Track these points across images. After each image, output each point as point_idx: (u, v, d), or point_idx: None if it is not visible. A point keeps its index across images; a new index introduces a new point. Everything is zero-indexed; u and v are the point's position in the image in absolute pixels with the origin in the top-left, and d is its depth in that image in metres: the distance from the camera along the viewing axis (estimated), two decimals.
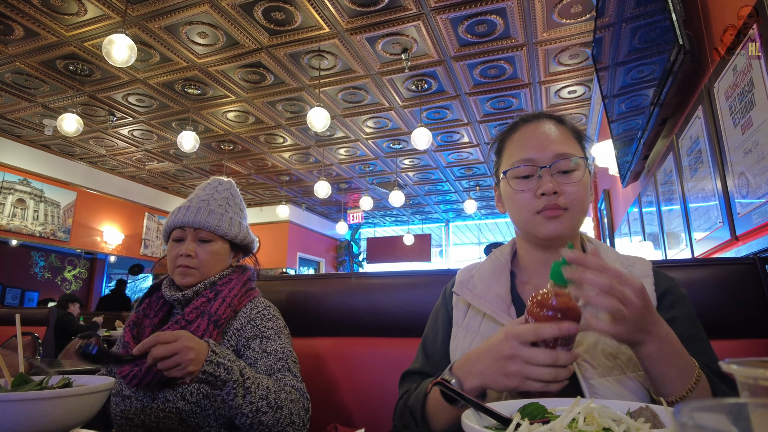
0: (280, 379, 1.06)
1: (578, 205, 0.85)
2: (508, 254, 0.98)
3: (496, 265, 0.95)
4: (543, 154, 0.86)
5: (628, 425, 0.50)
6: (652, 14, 2.10)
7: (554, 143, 0.87)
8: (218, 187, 1.27)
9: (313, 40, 4.44)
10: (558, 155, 0.86)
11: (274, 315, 1.19)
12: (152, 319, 1.19)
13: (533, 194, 0.86)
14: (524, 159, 0.87)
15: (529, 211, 0.86)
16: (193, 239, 1.19)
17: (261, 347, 1.11)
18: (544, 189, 0.84)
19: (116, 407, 1.09)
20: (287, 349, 1.13)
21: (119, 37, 3.49)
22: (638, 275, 0.85)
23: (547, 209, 0.84)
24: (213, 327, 1.10)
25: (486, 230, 13.45)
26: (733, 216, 1.75)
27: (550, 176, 0.85)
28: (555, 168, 0.85)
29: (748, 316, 1.07)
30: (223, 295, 1.15)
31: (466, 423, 0.53)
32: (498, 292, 0.89)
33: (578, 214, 0.86)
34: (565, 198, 0.84)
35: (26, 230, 7.00)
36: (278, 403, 0.96)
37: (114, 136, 6.83)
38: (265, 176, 8.67)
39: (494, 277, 0.93)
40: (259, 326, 1.14)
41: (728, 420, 0.27)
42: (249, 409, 0.92)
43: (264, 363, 1.08)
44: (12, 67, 4.98)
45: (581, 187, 0.86)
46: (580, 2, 3.94)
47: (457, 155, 7.63)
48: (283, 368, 1.08)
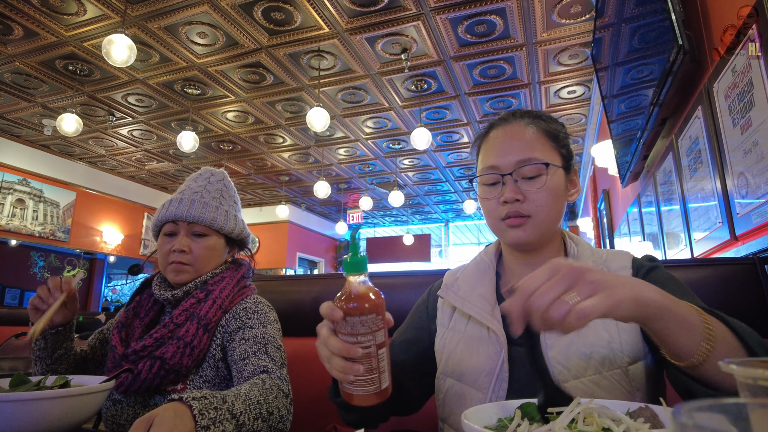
0: (253, 362, 0.98)
1: (543, 211, 0.84)
2: (493, 254, 0.97)
3: (480, 266, 0.95)
4: (505, 161, 0.86)
5: (627, 425, 0.50)
6: (651, 14, 2.10)
7: (518, 149, 0.86)
8: (210, 178, 1.20)
9: (312, 40, 4.44)
10: (520, 162, 0.85)
11: (262, 309, 1.13)
12: (142, 319, 1.14)
13: (498, 201, 0.86)
14: (489, 166, 0.88)
15: (495, 217, 0.87)
16: (186, 234, 1.13)
17: (241, 336, 1.05)
18: (506, 197, 0.84)
19: (107, 411, 1.06)
20: (269, 336, 1.06)
21: (119, 37, 3.49)
22: (615, 269, 0.85)
23: (509, 216, 0.85)
24: (203, 331, 1.05)
25: (485, 230, 13.45)
26: (732, 216, 1.75)
27: (513, 183, 0.85)
28: (518, 174, 0.85)
29: (747, 316, 1.07)
30: (213, 296, 1.10)
31: (466, 423, 0.52)
32: (482, 293, 0.89)
33: (544, 221, 0.85)
34: (528, 205, 0.84)
35: (25, 230, 7.00)
36: (270, 410, 0.89)
37: (113, 136, 6.82)
38: (265, 176, 8.67)
39: (478, 279, 0.93)
40: (242, 318, 1.09)
41: (728, 420, 0.27)
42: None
43: (240, 349, 1.02)
44: (11, 67, 4.98)
45: (546, 193, 0.84)
46: (579, 2, 3.94)
47: (456, 155, 7.63)
48: (258, 351, 1.01)
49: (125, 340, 1.10)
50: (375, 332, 0.61)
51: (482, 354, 0.83)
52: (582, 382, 0.74)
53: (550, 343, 0.79)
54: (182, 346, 1.03)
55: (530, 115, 0.92)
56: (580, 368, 0.76)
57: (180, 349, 1.03)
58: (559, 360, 0.77)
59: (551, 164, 0.86)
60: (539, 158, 0.85)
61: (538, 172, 0.85)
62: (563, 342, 0.78)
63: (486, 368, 0.82)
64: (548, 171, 0.85)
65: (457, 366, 0.86)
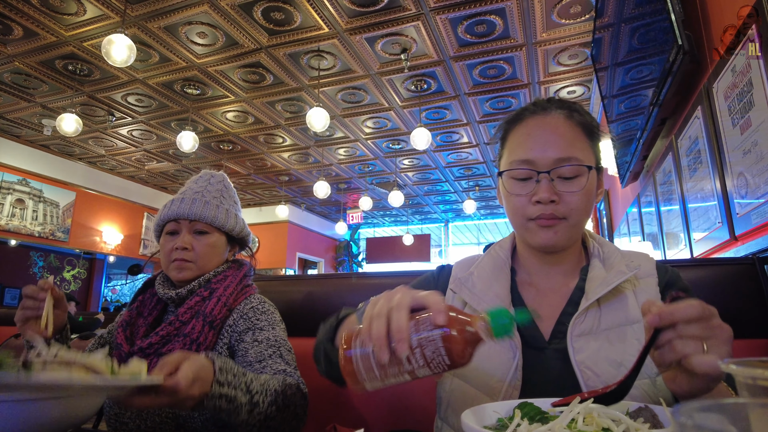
0: (271, 365, 1.01)
1: (577, 215, 0.80)
2: (508, 249, 0.92)
3: (496, 262, 0.90)
4: (543, 157, 0.79)
5: (627, 425, 0.50)
6: (651, 14, 2.10)
7: (558, 144, 0.80)
8: (210, 179, 1.24)
9: (312, 40, 4.44)
10: (559, 160, 0.79)
11: (268, 309, 1.15)
12: (146, 318, 1.16)
13: (528, 199, 0.80)
14: (523, 160, 0.81)
15: (523, 216, 0.81)
16: (188, 231, 1.15)
17: (252, 337, 1.07)
18: (540, 197, 0.78)
19: (110, 410, 1.06)
20: (280, 338, 1.09)
21: (118, 37, 3.49)
22: (643, 275, 0.82)
23: (541, 218, 0.79)
24: (208, 328, 1.07)
25: (485, 230, 13.45)
26: (732, 216, 1.75)
27: (548, 182, 0.78)
28: (555, 173, 0.79)
29: (746, 317, 1.07)
30: (218, 294, 1.12)
31: (466, 423, 0.52)
32: (497, 292, 0.85)
33: (577, 224, 0.81)
34: (563, 207, 0.79)
35: (25, 230, 6.99)
36: (286, 402, 0.92)
37: (113, 136, 6.82)
38: (265, 176, 8.67)
39: (494, 276, 0.88)
40: (252, 319, 1.11)
41: (727, 420, 0.27)
42: (257, 419, 0.89)
43: (254, 351, 1.04)
44: (11, 67, 4.98)
45: (583, 196, 0.79)
46: (579, 2, 3.94)
47: (456, 155, 7.63)
48: (274, 354, 1.04)
49: (130, 338, 1.11)
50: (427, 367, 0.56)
51: (494, 357, 0.78)
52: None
53: (578, 346, 0.76)
54: (188, 343, 1.04)
55: (567, 106, 0.85)
56: (610, 375, 0.72)
57: (186, 347, 1.04)
58: (588, 365, 0.74)
59: (598, 159, 0.81)
60: (580, 158, 0.79)
61: (576, 173, 0.79)
62: (592, 347, 0.75)
63: (497, 373, 0.77)
64: (588, 173, 0.80)
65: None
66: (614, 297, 0.80)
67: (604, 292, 0.78)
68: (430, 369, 0.56)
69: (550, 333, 0.81)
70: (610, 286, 0.78)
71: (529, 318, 0.57)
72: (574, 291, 0.85)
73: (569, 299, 0.84)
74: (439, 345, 0.55)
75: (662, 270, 0.85)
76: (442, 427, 0.86)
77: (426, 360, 0.56)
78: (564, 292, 0.86)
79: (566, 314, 0.82)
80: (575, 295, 0.84)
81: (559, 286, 0.87)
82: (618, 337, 0.76)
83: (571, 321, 0.78)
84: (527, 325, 0.55)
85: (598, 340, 0.76)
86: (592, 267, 0.85)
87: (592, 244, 0.89)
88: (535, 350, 0.80)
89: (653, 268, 0.84)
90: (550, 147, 0.80)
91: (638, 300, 0.80)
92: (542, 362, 0.79)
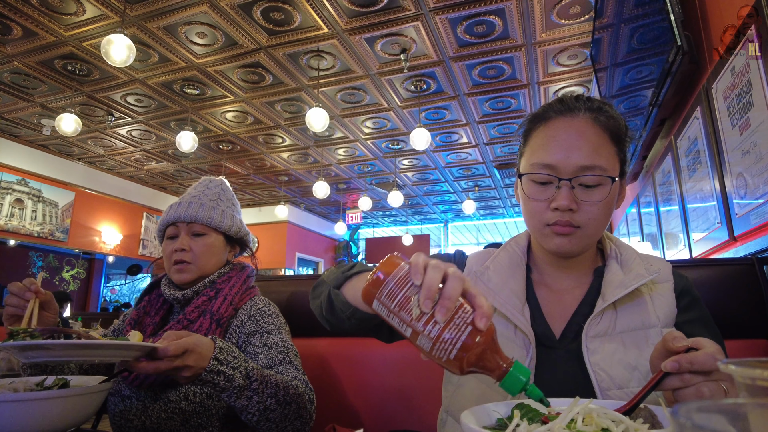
0: (282, 371, 1.05)
1: (594, 225, 0.78)
2: (525, 246, 0.91)
3: (513, 258, 0.89)
4: (566, 164, 0.77)
5: (626, 425, 0.50)
6: (650, 15, 2.10)
7: (582, 151, 0.77)
8: (209, 184, 1.28)
9: (312, 41, 4.44)
10: (583, 168, 0.76)
11: (273, 311, 1.19)
12: (153, 317, 1.19)
13: (547, 205, 0.78)
14: (545, 164, 0.78)
15: (540, 221, 0.80)
16: (186, 233, 1.19)
17: (261, 341, 1.10)
18: (559, 204, 0.76)
19: (115, 407, 1.07)
20: (288, 343, 1.12)
21: (118, 36, 3.49)
22: (662, 280, 0.82)
23: (558, 224, 0.78)
24: (216, 326, 1.10)
25: (485, 230, 13.45)
26: (731, 216, 1.76)
27: (569, 189, 0.76)
28: (577, 181, 0.77)
29: (746, 317, 1.07)
30: (224, 294, 1.15)
31: (466, 423, 0.52)
32: (513, 289, 0.84)
33: (593, 234, 0.79)
34: (580, 216, 0.77)
35: (24, 230, 6.99)
36: (287, 399, 0.95)
37: (112, 136, 6.81)
38: (264, 176, 8.66)
39: (510, 272, 0.87)
40: (260, 322, 1.14)
41: (726, 420, 0.27)
42: (256, 408, 0.91)
43: (265, 356, 1.07)
44: (10, 67, 4.97)
45: (603, 206, 0.77)
46: (578, 3, 3.94)
47: (455, 155, 7.63)
48: (284, 360, 1.07)
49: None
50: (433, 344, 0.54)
51: (507, 352, 0.76)
52: (625, 392, 0.71)
53: (593, 347, 0.75)
54: None
55: (595, 108, 0.81)
56: (624, 379, 0.72)
57: None
58: (602, 366, 0.74)
59: (615, 178, 0.78)
60: (604, 168, 0.77)
61: (598, 182, 0.77)
62: (606, 349, 0.75)
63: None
64: (611, 184, 0.77)
65: None
66: (631, 300, 0.80)
67: (621, 294, 0.77)
68: (432, 347, 0.55)
69: (560, 332, 0.81)
70: (628, 289, 0.77)
71: (539, 397, 0.56)
72: (588, 292, 0.85)
73: (582, 300, 0.84)
74: (460, 340, 0.54)
75: (678, 276, 0.85)
76: (447, 419, 0.85)
77: (438, 339, 0.54)
78: (577, 293, 0.86)
79: (579, 315, 0.82)
80: (589, 295, 0.84)
81: (572, 287, 0.87)
82: (633, 341, 0.76)
83: (586, 322, 0.78)
84: (533, 398, 0.56)
85: (613, 343, 0.76)
86: (608, 269, 0.84)
87: (610, 245, 0.88)
88: (547, 348, 0.79)
89: (670, 273, 0.84)
90: (574, 153, 0.77)
91: (654, 304, 0.80)
92: (553, 361, 0.79)
